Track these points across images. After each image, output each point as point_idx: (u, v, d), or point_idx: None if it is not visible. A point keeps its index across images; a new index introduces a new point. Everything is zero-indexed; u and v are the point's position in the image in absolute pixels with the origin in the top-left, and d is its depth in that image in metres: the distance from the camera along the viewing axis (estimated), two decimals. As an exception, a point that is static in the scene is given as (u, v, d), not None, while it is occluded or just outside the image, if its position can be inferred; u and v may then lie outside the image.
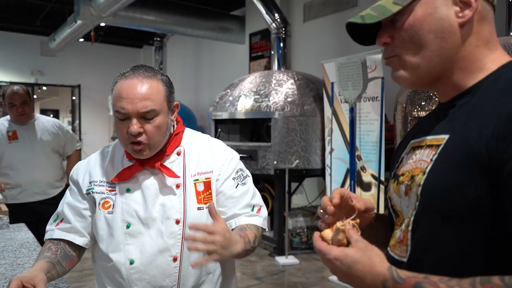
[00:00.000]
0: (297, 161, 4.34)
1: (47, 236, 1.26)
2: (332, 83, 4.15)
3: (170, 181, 1.21)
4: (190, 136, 1.33)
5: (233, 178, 1.28)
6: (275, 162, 4.32)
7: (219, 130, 4.93)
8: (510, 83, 0.71)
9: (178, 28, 6.48)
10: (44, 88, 10.51)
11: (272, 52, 5.20)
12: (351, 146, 3.72)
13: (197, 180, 1.24)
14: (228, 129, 4.86)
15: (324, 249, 0.72)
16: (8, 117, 2.99)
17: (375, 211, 0.93)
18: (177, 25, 6.41)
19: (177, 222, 1.18)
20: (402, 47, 0.79)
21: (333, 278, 3.70)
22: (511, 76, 0.73)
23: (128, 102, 1.12)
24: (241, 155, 1.20)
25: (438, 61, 0.77)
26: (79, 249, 1.26)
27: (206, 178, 1.24)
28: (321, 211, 0.87)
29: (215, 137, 4.97)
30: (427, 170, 0.75)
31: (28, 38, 8.87)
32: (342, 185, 4.08)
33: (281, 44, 5.09)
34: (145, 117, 1.14)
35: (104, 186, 1.23)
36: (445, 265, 0.70)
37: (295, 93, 4.48)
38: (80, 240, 1.24)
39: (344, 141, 4.06)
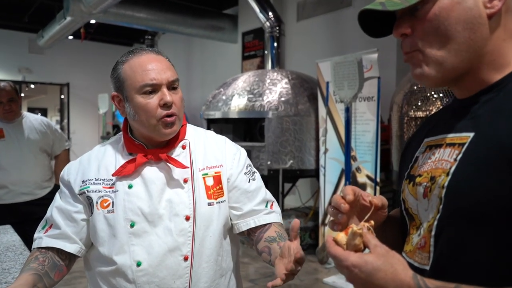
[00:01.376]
0: (291, 161, 4.29)
1: (35, 245, 1.15)
2: (327, 83, 4.11)
3: (177, 174, 1.14)
4: (193, 130, 1.27)
5: (245, 173, 1.23)
6: (268, 163, 4.26)
7: (212, 129, 4.86)
8: None
9: (170, 26, 6.39)
10: (32, 86, 10.33)
11: (266, 51, 5.15)
12: (347, 146, 3.67)
13: (206, 174, 1.17)
14: (221, 128, 4.79)
15: (340, 255, 0.65)
16: (-6, 114, 2.89)
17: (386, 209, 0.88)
18: (169, 23, 6.32)
19: (187, 218, 1.11)
20: (426, 40, 0.72)
21: (328, 280, 3.65)
22: None
23: (156, 72, 1.11)
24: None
25: (465, 55, 0.71)
26: (69, 258, 1.15)
27: (216, 172, 1.18)
28: (333, 210, 0.80)
29: (208, 136, 4.92)
30: (452, 171, 0.70)
31: (15, 35, 8.69)
32: (337, 186, 4.03)
33: (275, 43, 5.04)
34: (172, 86, 1.14)
35: (100, 184, 1.14)
36: (474, 275, 0.64)
37: (289, 92, 4.43)
38: (71, 248, 1.13)
39: (339, 141, 4.02)
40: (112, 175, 1.14)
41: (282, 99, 4.36)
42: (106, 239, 1.11)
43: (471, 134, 0.70)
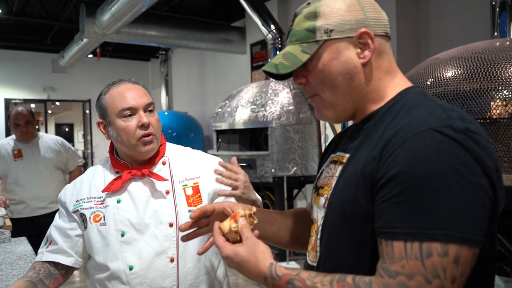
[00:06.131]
0: (295, 168, 4.44)
1: (37, 258, 1.31)
2: (326, 91, 4.25)
3: (160, 187, 1.29)
4: (172, 148, 1.44)
5: None
6: (273, 170, 4.43)
7: (220, 140, 5.07)
8: (399, 109, 0.80)
9: (181, 42, 6.64)
10: (57, 103, 10.84)
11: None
12: (344, 152, 3.80)
13: (186, 185, 1.33)
14: (228, 139, 4.99)
15: (220, 246, 0.82)
16: (13, 136, 3.19)
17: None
18: (179, 39, 6.58)
19: (171, 225, 1.27)
20: (318, 87, 0.87)
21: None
22: (405, 102, 0.82)
23: (133, 98, 1.28)
24: (240, 164, 1.25)
25: (350, 98, 0.86)
26: (66, 269, 1.31)
27: (194, 183, 1.34)
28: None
29: (216, 146, 5.12)
30: (333, 185, 0.87)
31: (39, 56, 9.17)
32: (339, 191, 4.15)
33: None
34: (149, 109, 1.31)
35: (92, 201, 1.30)
36: (342, 270, 0.79)
37: (291, 102, 4.59)
38: (67, 260, 1.29)
39: (339, 148, 4.14)
40: (102, 191, 1.31)
41: (284, 108, 4.53)
42: (100, 249, 1.27)
43: (348, 155, 0.87)
